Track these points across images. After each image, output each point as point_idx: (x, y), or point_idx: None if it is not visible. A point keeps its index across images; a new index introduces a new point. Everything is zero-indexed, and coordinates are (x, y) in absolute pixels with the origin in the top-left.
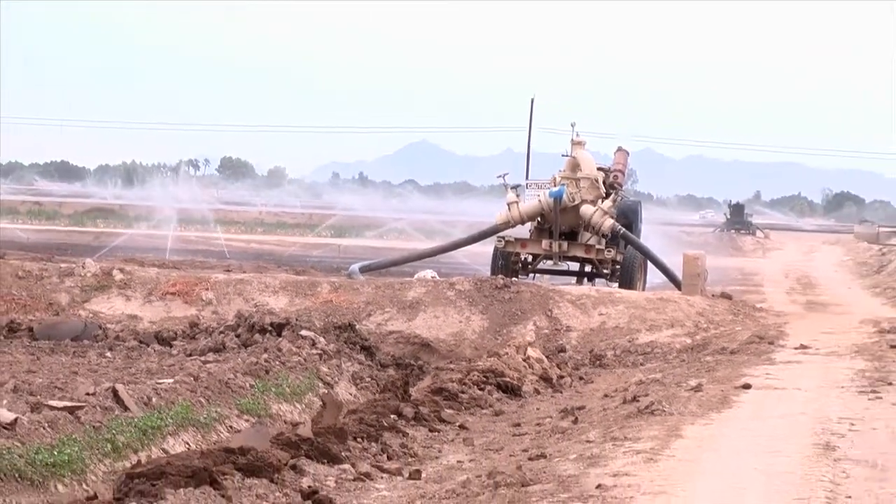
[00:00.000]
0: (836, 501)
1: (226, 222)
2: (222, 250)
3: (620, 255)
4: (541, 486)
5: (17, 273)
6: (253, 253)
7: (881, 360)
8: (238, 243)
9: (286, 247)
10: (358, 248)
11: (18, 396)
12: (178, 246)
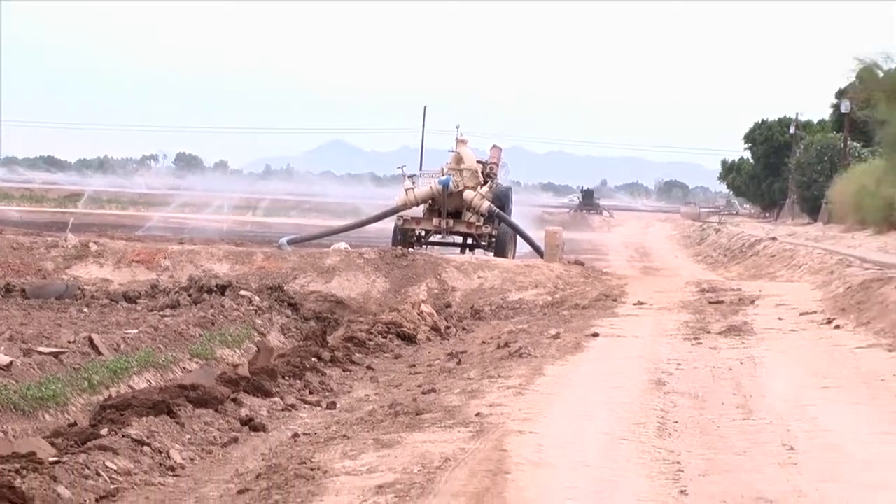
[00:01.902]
0: (666, 425)
1: (180, 204)
2: (178, 226)
3: (495, 230)
4: (431, 415)
5: (12, 245)
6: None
7: (702, 313)
8: (193, 222)
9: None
10: (286, 224)
11: (13, 344)
12: (142, 223)
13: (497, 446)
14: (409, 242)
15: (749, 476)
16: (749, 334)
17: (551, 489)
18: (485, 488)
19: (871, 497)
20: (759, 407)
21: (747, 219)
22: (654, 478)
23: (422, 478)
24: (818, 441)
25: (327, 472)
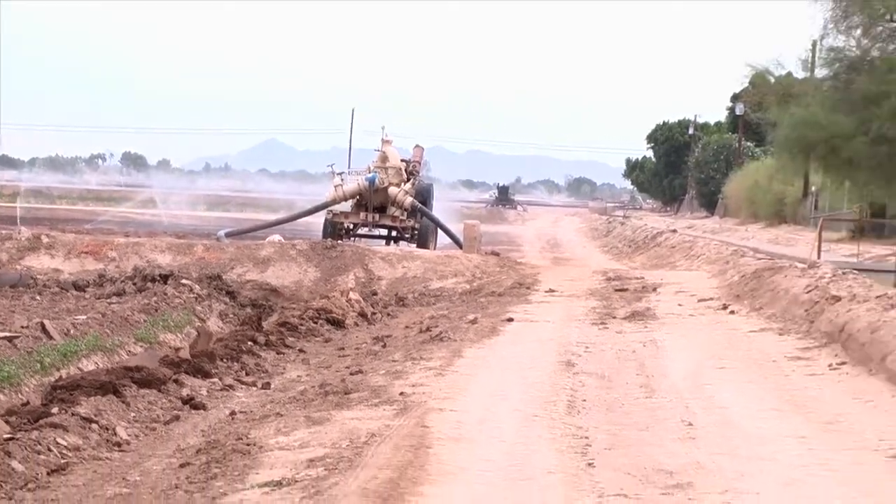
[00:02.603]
0: (575, 402)
1: (127, 199)
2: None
3: (418, 223)
4: (359, 394)
5: None
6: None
7: (608, 300)
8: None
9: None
10: (224, 218)
11: None
12: (91, 217)
13: (419, 423)
14: (339, 235)
15: (651, 450)
16: (651, 319)
17: (469, 462)
18: (408, 461)
19: (762, 468)
20: (661, 386)
21: (650, 213)
22: (563, 451)
23: (350, 452)
24: (714, 417)
25: (262, 447)
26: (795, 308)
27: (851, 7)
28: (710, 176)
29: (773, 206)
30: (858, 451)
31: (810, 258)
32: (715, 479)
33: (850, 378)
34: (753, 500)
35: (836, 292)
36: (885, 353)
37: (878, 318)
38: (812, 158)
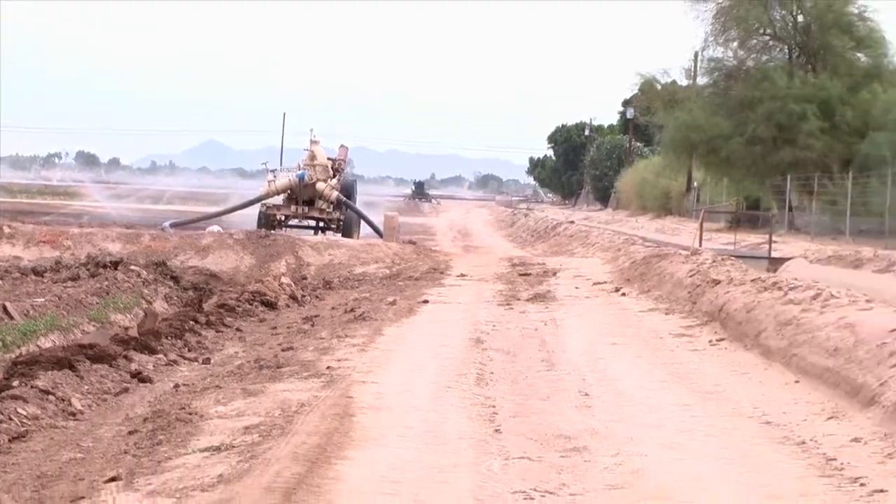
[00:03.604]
0: (484, 375)
1: (80, 194)
2: (79, 213)
3: (343, 215)
4: (290, 368)
5: None
6: (99, 214)
7: (513, 283)
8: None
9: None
10: (169, 211)
11: None
12: (48, 210)
13: (344, 394)
14: (271, 226)
15: (552, 417)
16: (552, 301)
17: (389, 428)
18: (334, 428)
19: (650, 432)
20: (560, 360)
21: (550, 206)
22: (473, 419)
23: (282, 420)
24: (608, 388)
25: (203, 416)
26: (680, 290)
27: (729, 22)
28: (604, 173)
29: (660, 199)
30: (735, 417)
31: (693, 246)
32: (608, 443)
33: (728, 353)
34: (641, 461)
35: (715, 276)
36: (759, 331)
37: (753, 300)
38: (694, 157)
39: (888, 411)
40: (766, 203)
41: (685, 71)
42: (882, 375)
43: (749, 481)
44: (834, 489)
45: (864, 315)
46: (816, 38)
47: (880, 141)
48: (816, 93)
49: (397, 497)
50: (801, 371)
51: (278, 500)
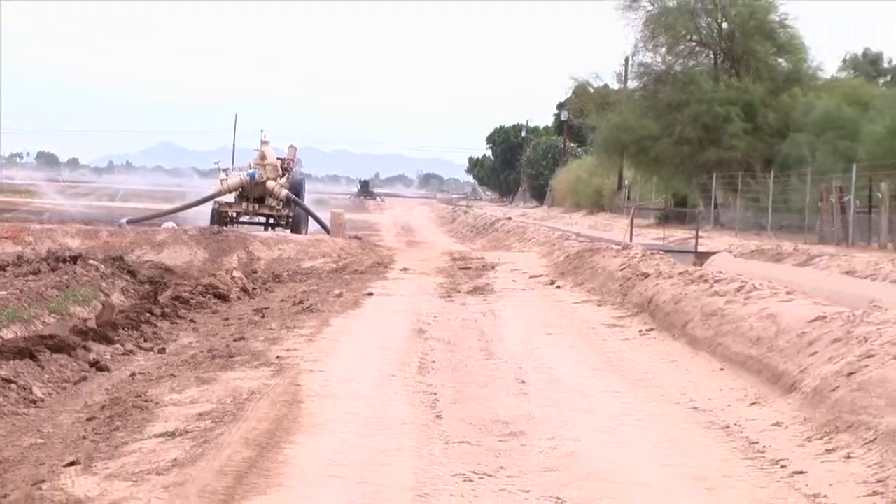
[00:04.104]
0: (426, 364)
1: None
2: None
3: (292, 212)
4: (241, 357)
5: None
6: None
7: (453, 276)
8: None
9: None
10: (126, 208)
11: None
12: (10, 207)
13: (293, 382)
14: (224, 222)
15: (490, 403)
16: (490, 293)
17: (335, 415)
18: (283, 415)
19: (583, 417)
20: (498, 350)
21: (489, 203)
22: (416, 405)
23: (233, 407)
24: (543, 375)
25: (158, 403)
26: (611, 283)
27: (658, 29)
28: (540, 172)
29: (593, 197)
30: (663, 403)
31: (624, 241)
32: (543, 427)
33: (657, 342)
34: (575, 444)
35: (645, 270)
36: (686, 321)
37: (681, 292)
38: (625, 157)
39: (807, 397)
40: (693, 200)
41: (616, 75)
42: (802, 363)
43: (676, 463)
44: (756, 471)
45: (785, 306)
46: (740, 45)
47: (800, 141)
48: (740, 96)
49: (343, 479)
50: (726, 359)
51: (230, 482)
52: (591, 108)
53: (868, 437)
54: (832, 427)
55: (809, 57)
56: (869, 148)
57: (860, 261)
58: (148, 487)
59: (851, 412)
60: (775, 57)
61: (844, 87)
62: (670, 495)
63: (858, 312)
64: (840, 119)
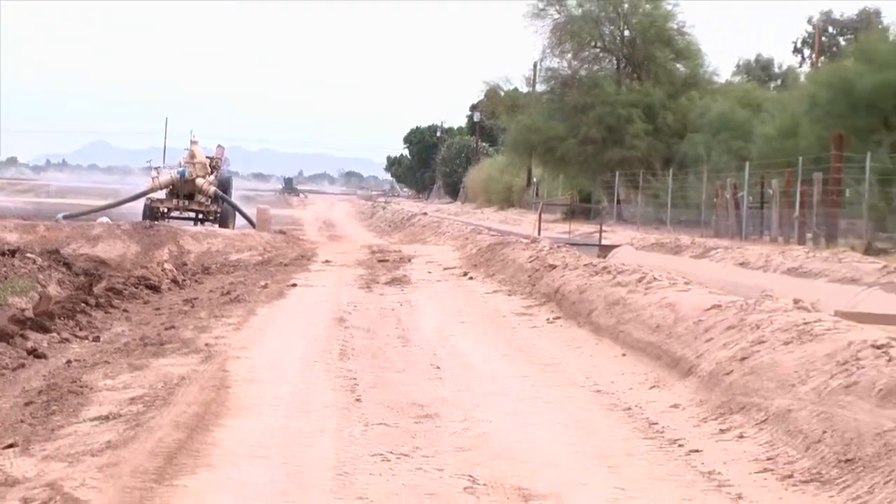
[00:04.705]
0: (346, 350)
1: None
2: None
3: (220, 208)
4: (172, 345)
5: None
6: None
7: (372, 268)
8: None
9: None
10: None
11: None
12: None
13: (221, 368)
14: (155, 217)
15: (407, 388)
16: (407, 284)
17: (261, 398)
18: (211, 399)
19: (494, 400)
20: (414, 337)
21: (406, 199)
22: (337, 390)
23: (164, 392)
24: (457, 361)
25: (93, 388)
26: (521, 274)
27: (564, 36)
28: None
29: (504, 193)
30: (569, 386)
31: (532, 235)
32: (457, 410)
33: (564, 329)
34: (487, 426)
35: (552, 262)
36: (590, 310)
37: (585, 282)
38: (533, 156)
39: (703, 380)
40: (598, 197)
41: (526, 79)
42: (698, 349)
43: (581, 443)
44: (656, 450)
45: (683, 296)
46: (641, 51)
47: (697, 141)
48: (641, 99)
49: (268, 460)
50: (628, 345)
51: (161, 463)
52: (501, 110)
53: (759, 418)
54: (726, 409)
55: (706, 62)
56: (760, 148)
57: (752, 253)
58: (83, 468)
59: (744, 395)
60: (674, 62)
61: (738, 90)
62: (575, 472)
63: (751, 301)
64: (734, 121)
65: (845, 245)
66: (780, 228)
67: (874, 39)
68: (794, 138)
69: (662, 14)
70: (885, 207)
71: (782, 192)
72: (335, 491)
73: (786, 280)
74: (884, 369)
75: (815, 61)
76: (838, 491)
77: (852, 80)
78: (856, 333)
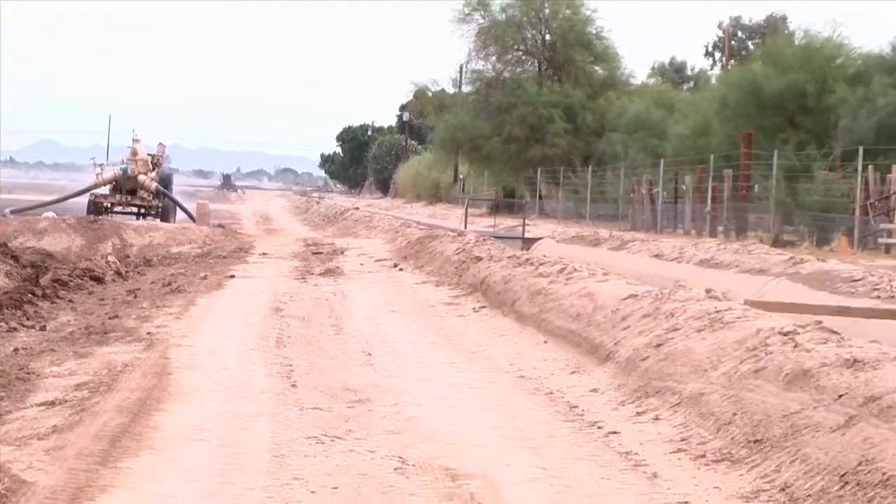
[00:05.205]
0: (282, 338)
1: None
2: None
3: (161, 203)
4: (115, 334)
5: None
6: None
7: (307, 260)
8: None
9: None
10: (9, 199)
11: None
12: None
13: (162, 355)
14: (99, 212)
15: (340, 374)
16: (340, 275)
17: (201, 385)
18: (153, 385)
19: (423, 386)
20: (347, 326)
21: (339, 195)
22: (273, 376)
23: (108, 378)
24: (387, 349)
25: (40, 375)
26: (448, 266)
27: (489, 40)
28: (384, 167)
29: (432, 189)
30: (494, 372)
31: (459, 228)
32: (387, 395)
33: (489, 318)
34: (416, 409)
35: (478, 254)
36: (514, 300)
37: (510, 273)
38: (460, 153)
39: (621, 366)
40: (521, 192)
41: (452, 80)
42: (616, 336)
43: (506, 425)
44: (576, 432)
45: (602, 286)
46: (561, 54)
47: (614, 140)
48: (562, 99)
49: (208, 443)
50: (550, 333)
51: (105, 446)
52: (429, 110)
53: (673, 401)
54: (642, 392)
55: (622, 65)
56: (674, 146)
57: (667, 245)
58: (30, 451)
59: (659, 379)
60: (592, 65)
61: (653, 91)
62: (500, 453)
63: (665, 291)
64: (649, 120)
65: (754, 237)
66: (693, 222)
67: (780, 44)
68: (706, 137)
69: (581, 19)
70: (791, 202)
71: (695, 187)
72: (272, 472)
73: (698, 271)
74: (790, 355)
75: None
76: (748, 470)
77: (760, 82)
78: (764, 321)
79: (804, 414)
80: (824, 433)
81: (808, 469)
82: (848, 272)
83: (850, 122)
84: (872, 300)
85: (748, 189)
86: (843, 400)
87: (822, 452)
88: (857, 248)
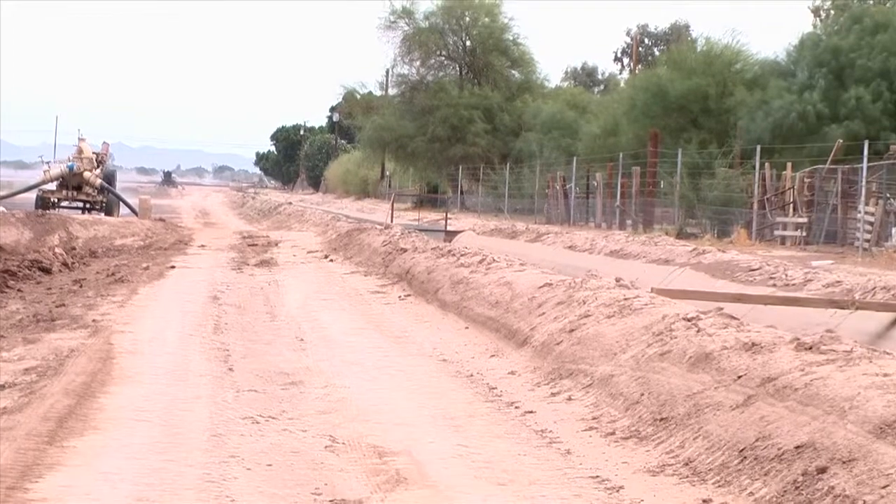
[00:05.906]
0: (220, 324)
1: None
2: None
3: (106, 198)
4: (62, 321)
5: None
6: None
7: (243, 252)
8: None
9: None
10: None
11: None
12: None
13: (107, 341)
14: (47, 207)
15: (274, 358)
16: (274, 266)
17: (143, 368)
18: (98, 369)
19: (352, 369)
20: (281, 313)
21: (273, 190)
22: (211, 360)
23: (55, 363)
24: (319, 334)
25: None
26: (376, 257)
27: (413, 45)
28: (316, 164)
29: (360, 185)
30: (419, 356)
31: (386, 222)
32: (319, 377)
33: (414, 305)
34: (346, 391)
35: (403, 245)
36: (437, 288)
37: (433, 264)
38: (387, 152)
39: (537, 350)
40: (444, 188)
41: (379, 83)
42: (532, 322)
43: (430, 405)
44: (495, 411)
45: (519, 275)
46: (481, 59)
47: (530, 139)
48: (481, 102)
49: (149, 423)
50: (471, 320)
51: (53, 426)
52: (358, 112)
53: (585, 383)
54: (556, 374)
55: (538, 69)
56: (586, 144)
57: (580, 237)
58: None
59: (572, 362)
60: (510, 69)
61: (566, 94)
62: (424, 432)
63: (578, 280)
64: (563, 121)
65: (660, 230)
66: (604, 216)
67: (684, 50)
68: (616, 136)
69: (499, 26)
70: (694, 197)
71: (605, 183)
72: (210, 450)
73: (609, 261)
74: (693, 339)
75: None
76: (654, 445)
77: (665, 85)
78: (669, 308)
79: (706, 394)
80: (725, 412)
81: (710, 445)
82: (746, 262)
83: (748, 122)
84: (769, 288)
85: (654, 185)
86: (741, 381)
87: (723, 429)
88: (755, 240)
